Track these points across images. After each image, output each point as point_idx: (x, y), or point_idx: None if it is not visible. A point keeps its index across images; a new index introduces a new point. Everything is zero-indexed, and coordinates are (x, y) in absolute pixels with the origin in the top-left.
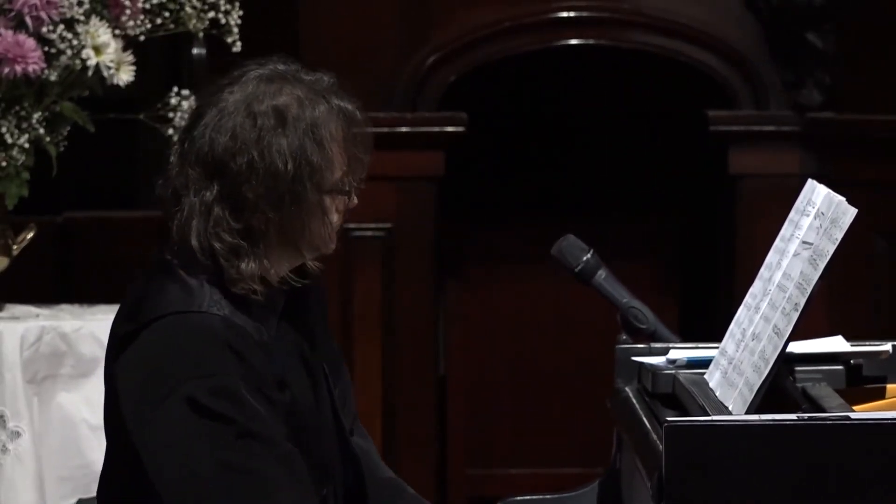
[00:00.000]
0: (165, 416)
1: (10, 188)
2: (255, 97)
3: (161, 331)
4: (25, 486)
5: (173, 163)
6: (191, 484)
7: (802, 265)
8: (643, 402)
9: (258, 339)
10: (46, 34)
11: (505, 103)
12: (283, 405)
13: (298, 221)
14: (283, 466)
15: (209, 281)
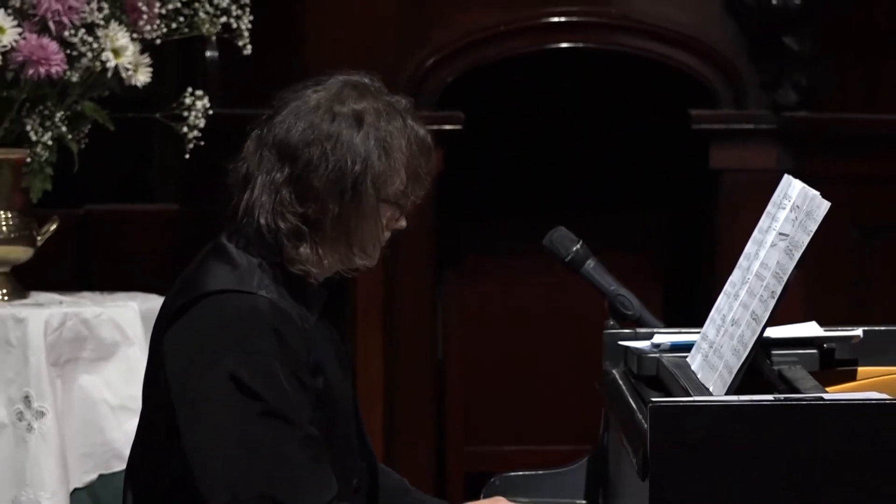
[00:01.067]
0: (205, 386)
1: (34, 182)
2: (338, 98)
3: (211, 307)
4: (50, 462)
5: (249, 146)
6: (215, 453)
7: (779, 255)
8: (629, 383)
9: (300, 326)
10: (68, 38)
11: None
12: (315, 391)
13: (354, 220)
14: (305, 448)
15: (261, 266)
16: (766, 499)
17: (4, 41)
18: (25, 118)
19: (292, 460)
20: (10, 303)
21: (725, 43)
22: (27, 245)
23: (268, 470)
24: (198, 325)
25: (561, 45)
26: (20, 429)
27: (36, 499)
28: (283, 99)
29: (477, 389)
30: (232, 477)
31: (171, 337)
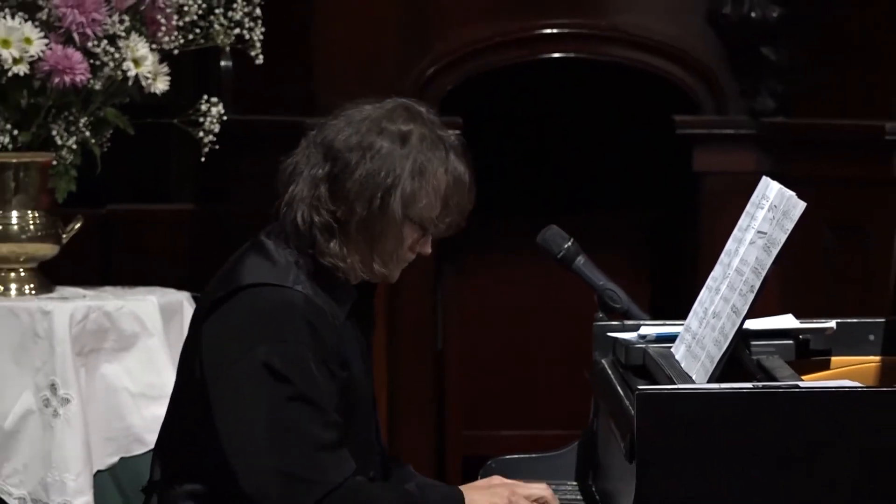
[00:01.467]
0: (239, 371)
1: (59, 184)
2: (389, 116)
3: (250, 298)
4: (74, 445)
5: (301, 145)
6: (245, 432)
7: (757, 252)
8: (617, 372)
9: (332, 321)
10: (92, 48)
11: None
12: (342, 381)
13: (378, 228)
14: (329, 432)
15: (297, 263)
16: (745, 480)
17: (32, 51)
18: (51, 124)
19: (316, 441)
20: (38, 297)
21: (708, 54)
22: (53, 242)
23: (293, 449)
24: (235, 315)
25: (554, 55)
26: (47, 414)
27: (61, 479)
28: (342, 108)
29: (474, 378)
30: (260, 455)
31: (210, 325)
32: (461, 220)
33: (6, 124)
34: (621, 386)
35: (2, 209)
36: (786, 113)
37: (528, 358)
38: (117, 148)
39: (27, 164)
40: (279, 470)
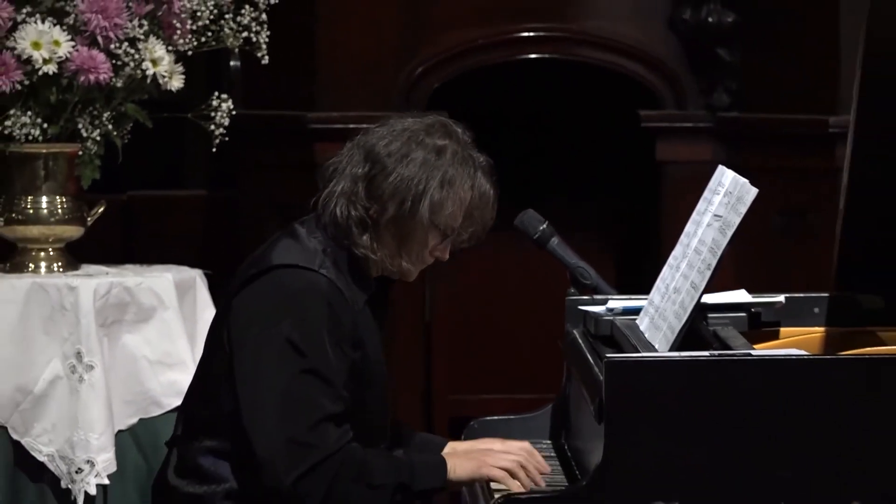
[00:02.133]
0: (262, 342)
1: (85, 172)
2: (428, 131)
3: (279, 278)
4: (98, 408)
5: (346, 147)
6: (261, 397)
7: (714, 233)
8: (587, 342)
9: (351, 304)
10: (114, 50)
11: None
12: (352, 361)
13: (405, 229)
14: (335, 404)
15: (324, 251)
16: (703, 440)
17: (60, 53)
18: (77, 118)
19: (323, 412)
20: (65, 274)
21: (669, 55)
22: (79, 225)
23: (301, 416)
24: (264, 292)
25: (531, 56)
26: (73, 380)
27: (86, 439)
28: (387, 118)
29: (459, 347)
30: (271, 417)
31: (241, 299)
32: (482, 233)
33: (37, 118)
34: (591, 354)
35: (32, 195)
36: (739, 108)
37: (508, 329)
38: (137, 139)
39: (56, 154)
40: (286, 433)
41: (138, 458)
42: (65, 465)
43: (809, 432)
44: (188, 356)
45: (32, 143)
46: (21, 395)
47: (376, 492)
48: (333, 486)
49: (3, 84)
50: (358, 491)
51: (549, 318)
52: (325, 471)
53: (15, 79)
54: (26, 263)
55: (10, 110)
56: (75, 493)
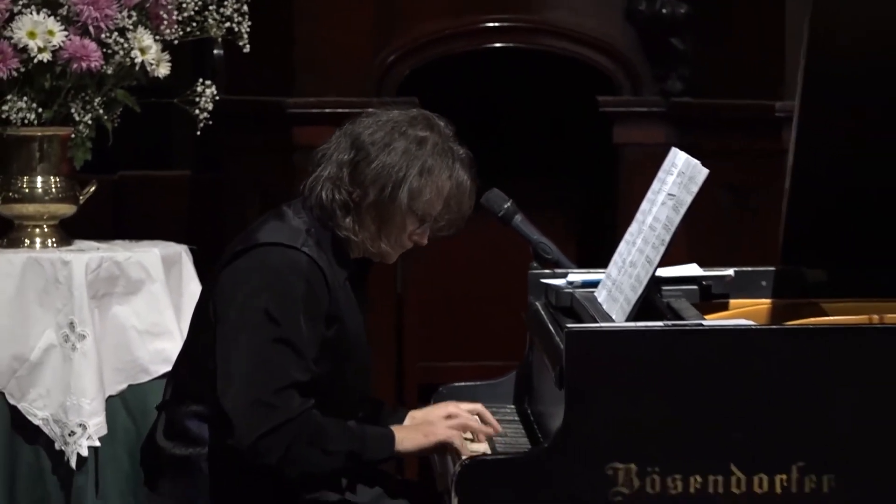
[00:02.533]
0: (243, 312)
1: (77, 153)
2: (411, 123)
3: (263, 254)
4: (89, 375)
5: (335, 135)
6: (235, 362)
7: (667, 211)
8: (549, 313)
9: (329, 281)
10: (104, 39)
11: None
12: (326, 336)
13: (385, 213)
14: (302, 374)
15: (308, 231)
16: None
17: (54, 42)
18: (70, 103)
19: (289, 379)
20: (59, 249)
21: (625, 44)
22: (72, 203)
23: (268, 380)
24: (249, 267)
25: (496, 45)
26: (66, 348)
27: (78, 403)
28: (375, 110)
29: (429, 318)
30: (241, 379)
31: (228, 272)
32: (460, 221)
33: (32, 103)
34: (552, 324)
35: (28, 175)
36: (691, 94)
37: (474, 301)
38: (126, 123)
39: (50, 136)
40: (253, 394)
41: (127, 422)
42: (58, 428)
43: (757, 398)
44: (174, 326)
45: (28, 126)
46: (17, 362)
47: (329, 457)
48: (291, 447)
49: (1, 71)
50: (313, 454)
51: (513, 290)
52: (285, 433)
53: (12, 66)
54: (22, 239)
55: (7, 96)
56: (68, 455)
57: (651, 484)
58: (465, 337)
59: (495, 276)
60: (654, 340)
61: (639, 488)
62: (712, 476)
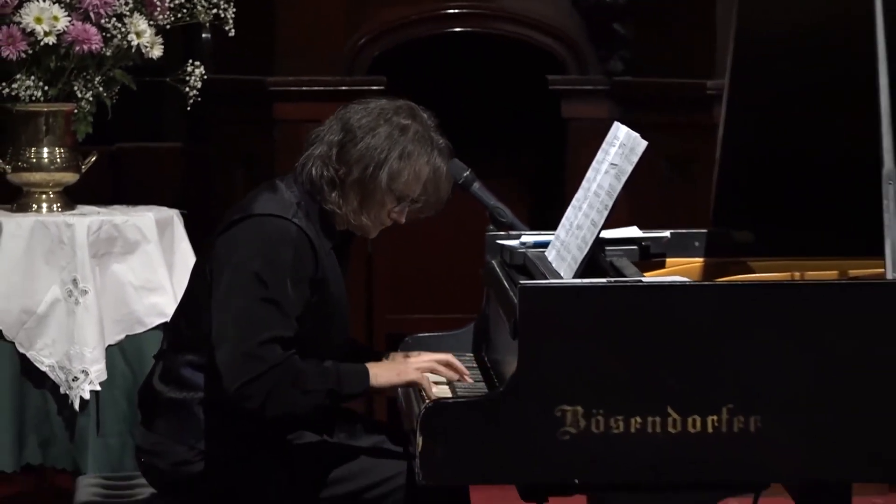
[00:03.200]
0: (236, 274)
1: (79, 127)
2: (396, 112)
3: (256, 224)
4: (91, 326)
5: (329, 119)
6: (227, 317)
7: (610, 179)
8: (504, 270)
9: (317, 249)
10: (104, 24)
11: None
12: (309, 298)
13: (367, 190)
14: (285, 331)
15: (298, 203)
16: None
17: (59, 26)
18: (73, 81)
19: (273, 334)
20: (63, 213)
21: (573, 29)
22: (74, 172)
23: (254, 334)
24: (243, 234)
25: (455, 29)
26: (70, 303)
27: (81, 352)
28: (366, 98)
29: (396, 275)
30: (231, 333)
31: (224, 238)
32: (437, 204)
33: (39, 82)
34: (507, 281)
35: (35, 146)
36: (631, 73)
37: (437, 260)
38: (123, 99)
39: (55, 112)
40: (240, 347)
41: (125, 369)
42: (63, 374)
43: (690, 347)
44: (167, 282)
45: (35, 102)
46: (26, 315)
47: (308, 396)
48: (272, 391)
49: (10, 53)
50: (293, 395)
51: (472, 250)
52: (266, 380)
53: (21, 49)
54: (30, 204)
55: (16, 75)
56: (72, 398)
57: (596, 424)
58: (428, 292)
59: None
60: (598, 295)
61: (585, 428)
62: (651, 417)
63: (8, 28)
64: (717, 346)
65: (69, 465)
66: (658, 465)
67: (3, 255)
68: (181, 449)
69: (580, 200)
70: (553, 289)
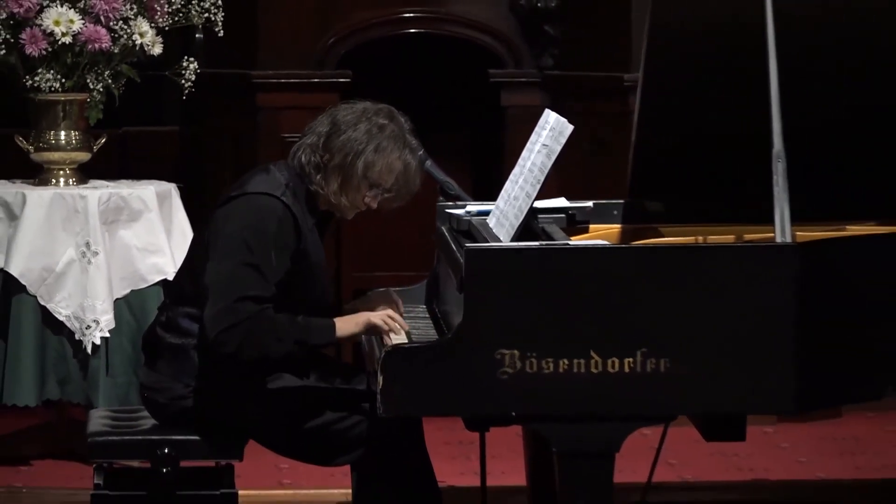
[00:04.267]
0: (228, 241)
1: (91, 113)
2: (377, 112)
3: (250, 200)
4: (101, 282)
5: (321, 114)
6: (217, 276)
7: (542, 158)
8: (452, 235)
9: (300, 223)
10: (112, 26)
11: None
12: (290, 267)
13: (345, 176)
14: (263, 292)
15: (287, 185)
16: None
17: (74, 28)
18: (86, 74)
19: (251, 292)
20: (77, 186)
21: (510, 29)
22: (87, 151)
23: (235, 290)
24: (237, 208)
25: (411, 31)
26: (83, 262)
27: (93, 304)
28: (353, 100)
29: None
30: (216, 289)
31: (221, 211)
32: (407, 195)
33: (57, 75)
34: (454, 244)
35: (54, 130)
36: (560, 68)
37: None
38: (129, 90)
39: (71, 101)
40: (222, 301)
41: (130, 319)
42: (78, 323)
43: (610, 300)
44: (165, 245)
45: (54, 93)
46: (46, 272)
47: (280, 343)
48: (247, 338)
49: (33, 51)
50: (266, 341)
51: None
52: (241, 329)
53: (42, 47)
54: (50, 179)
55: (38, 69)
56: (86, 343)
57: (530, 365)
58: (388, 253)
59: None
60: (532, 256)
61: (520, 368)
62: (576, 359)
63: (31, 30)
64: (632, 299)
65: (83, 399)
66: (582, 400)
67: (26, 223)
68: (178, 386)
69: (516, 175)
70: (494, 250)
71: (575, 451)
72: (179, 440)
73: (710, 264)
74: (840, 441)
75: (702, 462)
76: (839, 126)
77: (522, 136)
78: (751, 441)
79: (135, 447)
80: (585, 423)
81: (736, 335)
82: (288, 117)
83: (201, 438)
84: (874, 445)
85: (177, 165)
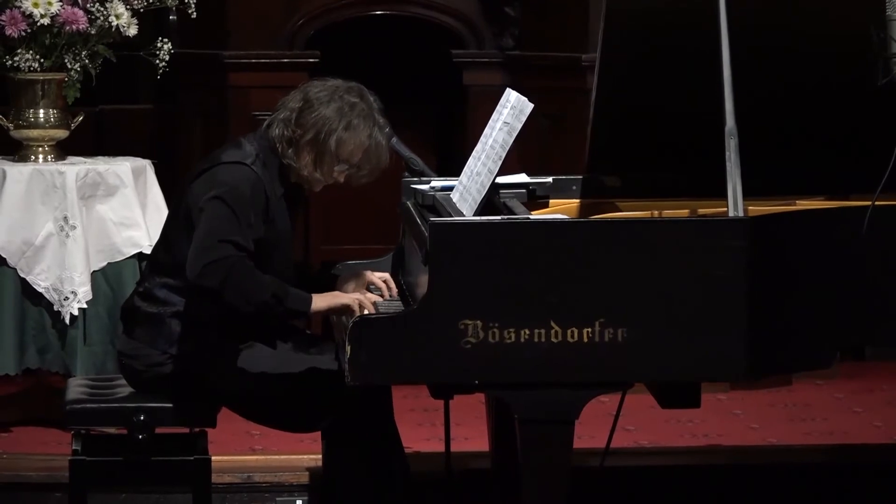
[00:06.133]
0: (208, 203)
1: (69, 92)
2: (347, 91)
3: (225, 168)
4: (79, 255)
5: (294, 90)
6: (202, 233)
7: (503, 135)
8: (417, 210)
9: (268, 193)
10: (89, 8)
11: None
12: (261, 228)
13: (318, 151)
14: (243, 240)
15: (258, 155)
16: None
17: (52, 10)
18: (64, 55)
19: (231, 236)
20: (56, 163)
21: (472, 11)
22: (65, 129)
23: (216, 234)
24: (212, 177)
25: (377, 12)
26: (62, 236)
27: (71, 276)
28: (326, 77)
29: (329, 212)
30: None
31: (196, 182)
32: (376, 171)
33: (36, 55)
34: (419, 217)
35: (33, 108)
36: (520, 48)
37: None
38: (105, 70)
39: (49, 80)
40: (203, 243)
41: (107, 290)
42: (56, 294)
43: (569, 272)
44: (140, 219)
45: (33, 72)
46: (26, 245)
47: (260, 290)
48: (230, 274)
49: (13, 32)
50: (247, 285)
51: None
52: (224, 265)
53: (21, 28)
54: (29, 156)
55: (17, 50)
56: (64, 314)
57: (492, 335)
58: (355, 226)
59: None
60: (494, 230)
61: (483, 338)
62: (537, 329)
63: (10, 11)
64: (590, 271)
65: (61, 368)
66: (543, 369)
67: (6, 198)
68: (155, 353)
69: (479, 152)
70: (457, 224)
71: (536, 417)
72: (154, 407)
73: (665, 237)
74: (790, 407)
75: (658, 428)
76: (790, 103)
77: (484, 114)
78: (705, 408)
79: (111, 414)
80: (546, 391)
81: (690, 305)
82: (258, 96)
83: (175, 406)
84: (823, 412)
85: (151, 142)
